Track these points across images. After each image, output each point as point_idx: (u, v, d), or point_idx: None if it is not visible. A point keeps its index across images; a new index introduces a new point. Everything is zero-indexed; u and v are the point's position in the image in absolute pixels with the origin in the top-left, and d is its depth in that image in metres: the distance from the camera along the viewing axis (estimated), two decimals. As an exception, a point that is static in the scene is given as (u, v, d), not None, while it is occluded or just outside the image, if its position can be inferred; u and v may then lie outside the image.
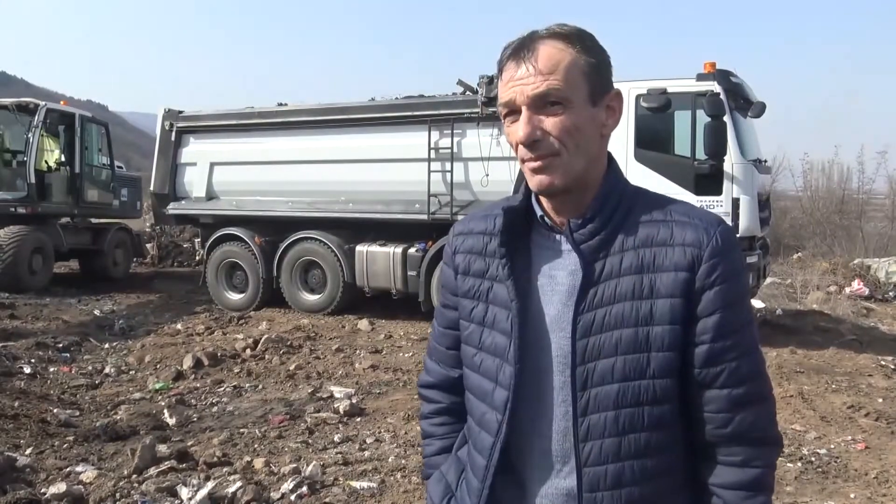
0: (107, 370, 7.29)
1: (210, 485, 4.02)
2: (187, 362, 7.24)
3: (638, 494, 1.20)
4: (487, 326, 1.31)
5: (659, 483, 1.21)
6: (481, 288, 1.34)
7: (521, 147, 1.21)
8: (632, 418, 1.19)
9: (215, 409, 5.99)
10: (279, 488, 4.10)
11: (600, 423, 1.19)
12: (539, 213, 1.29)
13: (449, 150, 9.19)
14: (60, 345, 7.99)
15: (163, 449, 4.59)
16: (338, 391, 6.33)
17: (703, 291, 1.18)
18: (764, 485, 1.22)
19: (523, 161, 1.22)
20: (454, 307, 1.41)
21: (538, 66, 1.17)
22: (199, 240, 11.95)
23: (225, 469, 4.41)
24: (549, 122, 1.18)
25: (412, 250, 9.63)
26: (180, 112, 11.34)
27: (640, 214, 1.24)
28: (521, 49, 1.20)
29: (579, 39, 1.21)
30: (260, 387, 6.66)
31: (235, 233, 10.80)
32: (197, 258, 12.60)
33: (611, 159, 1.30)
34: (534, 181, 1.22)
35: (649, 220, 1.23)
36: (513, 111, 1.21)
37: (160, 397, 6.31)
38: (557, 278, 1.26)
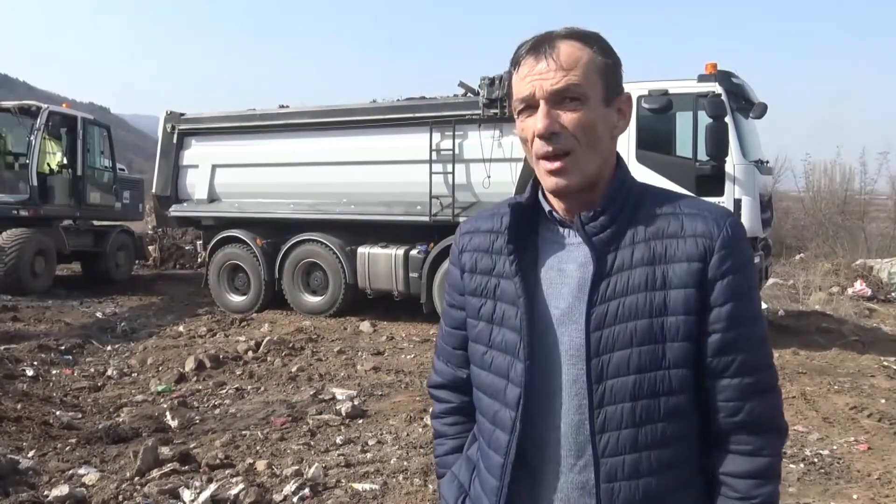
0: (109, 372, 7.30)
1: (212, 487, 4.03)
2: (189, 364, 7.25)
3: (655, 484, 1.21)
4: (496, 324, 1.32)
5: (675, 473, 1.23)
6: (489, 285, 1.34)
7: (537, 141, 1.22)
8: (648, 409, 1.20)
9: (217, 411, 5.99)
10: (281, 490, 4.10)
11: (617, 415, 1.20)
12: (547, 208, 1.30)
13: (450, 152, 9.19)
14: (63, 347, 8.01)
15: (165, 451, 4.59)
16: (340, 393, 6.33)
17: (716, 281, 1.20)
18: (773, 473, 1.24)
19: (538, 159, 1.23)
20: (461, 307, 1.42)
21: (559, 62, 1.19)
22: (200, 242, 11.96)
23: (227, 471, 4.41)
24: (567, 118, 1.20)
25: (414, 252, 9.63)
26: (182, 114, 11.35)
27: (650, 208, 1.26)
28: (540, 45, 1.21)
29: (596, 40, 1.24)
30: (262, 389, 6.66)
31: (237, 235, 10.82)
32: (199, 260, 12.62)
33: (619, 158, 1.32)
34: (549, 182, 1.24)
35: (659, 213, 1.25)
36: (529, 105, 1.22)
37: (162, 399, 6.32)
38: (567, 272, 1.27)
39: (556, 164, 1.21)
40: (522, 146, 1.28)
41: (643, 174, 7.64)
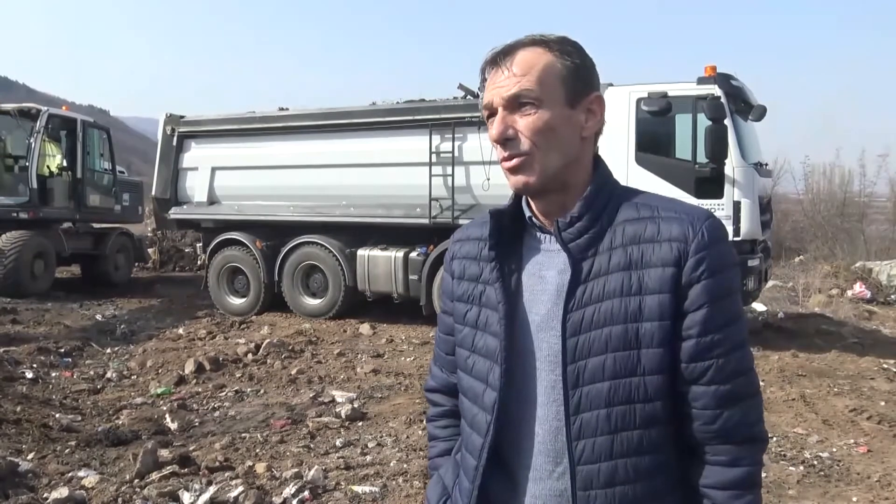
0: (108, 375, 7.29)
1: (212, 490, 4.03)
2: (189, 367, 7.24)
3: (631, 493, 1.20)
4: (480, 329, 1.33)
5: (652, 481, 1.21)
6: (474, 292, 1.36)
7: (497, 147, 1.25)
8: (624, 416, 1.19)
9: (217, 413, 5.99)
10: (281, 493, 4.10)
11: (592, 421, 1.20)
12: (528, 213, 1.31)
13: (450, 154, 9.19)
14: (62, 349, 8.01)
15: (165, 454, 4.59)
16: (339, 395, 6.33)
17: (690, 286, 1.18)
18: (751, 483, 1.21)
19: (501, 161, 1.26)
20: (452, 313, 1.44)
21: (513, 70, 1.21)
22: (200, 244, 11.95)
23: (227, 474, 4.41)
24: (522, 122, 1.22)
25: (413, 254, 9.63)
26: (182, 117, 11.35)
27: (629, 212, 1.25)
28: (499, 55, 1.25)
29: (557, 44, 1.24)
30: (262, 391, 6.66)
31: (237, 237, 10.82)
32: (198, 263, 12.63)
33: (599, 161, 1.31)
34: (511, 181, 1.26)
35: (637, 217, 1.24)
36: (492, 114, 1.26)
37: (162, 402, 6.31)
38: (546, 278, 1.27)
39: (513, 163, 1.23)
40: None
41: (642, 177, 7.66)
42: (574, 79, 1.23)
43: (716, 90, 7.68)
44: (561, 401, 1.22)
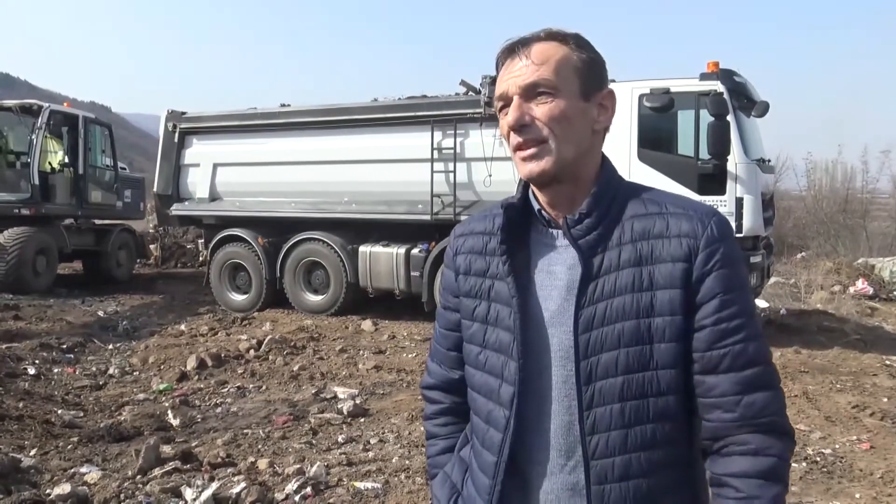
0: (111, 371, 7.30)
1: (214, 486, 4.03)
2: (191, 363, 7.25)
3: (646, 486, 1.20)
4: (491, 324, 1.33)
5: (666, 475, 1.22)
6: (483, 287, 1.35)
7: (512, 135, 1.25)
8: (637, 410, 1.19)
9: (219, 409, 6.00)
10: (283, 489, 4.10)
11: (606, 416, 1.20)
12: (536, 207, 1.31)
13: (452, 151, 9.19)
14: (64, 346, 8.02)
15: (167, 450, 4.59)
16: (341, 392, 6.34)
17: (703, 280, 1.19)
18: (778, 475, 1.18)
19: (514, 150, 1.26)
20: (455, 309, 1.43)
21: (530, 59, 1.22)
22: (202, 241, 11.96)
23: (229, 470, 4.41)
24: (538, 110, 1.22)
25: (415, 251, 9.63)
26: (183, 113, 11.36)
27: (636, 209, 1.26)
28: (516, 46, 1.25)
29: (572, 38, 1.26)
30: (264, 387, 6.67)
31: (239, 234, 10.82)
32: (200, 259, 12.64)
33: (605, 159, 1.32)
34: (524, 169, 1.25)
35: (645, 213, 1.24)
36: (506, 104, 1.25)
37: (164, 398, 6.32)
38: (556, 273, 1.27)
39: (529, 151, 1.23)
40: (506, 144, 1.29)
41: (644, 173, 7.65)
42: (588, 72, 1.25)
43: (718, 86, 7.66)
44: (573, 395, 1.22)
